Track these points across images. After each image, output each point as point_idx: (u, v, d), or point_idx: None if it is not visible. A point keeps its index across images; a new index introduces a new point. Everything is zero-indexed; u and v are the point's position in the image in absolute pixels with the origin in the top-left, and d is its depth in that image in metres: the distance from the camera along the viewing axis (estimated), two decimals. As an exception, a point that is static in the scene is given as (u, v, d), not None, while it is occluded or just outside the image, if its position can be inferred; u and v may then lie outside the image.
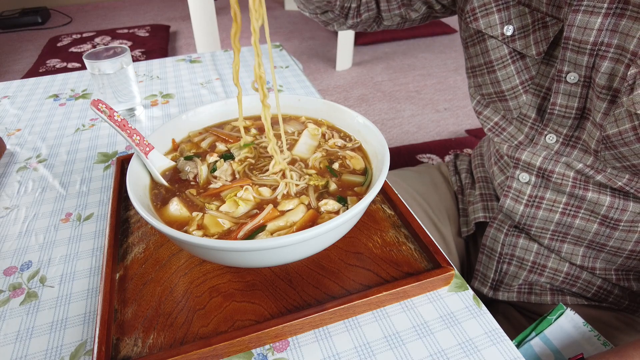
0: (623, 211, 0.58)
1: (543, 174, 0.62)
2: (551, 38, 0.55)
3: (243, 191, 0.48)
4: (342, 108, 0.58)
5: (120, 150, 0.75)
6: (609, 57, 0.50)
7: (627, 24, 0.48)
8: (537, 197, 0.64)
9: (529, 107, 0.62)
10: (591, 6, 0.50)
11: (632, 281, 0.64)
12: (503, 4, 0.60)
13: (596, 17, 0.50)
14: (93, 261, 0.53)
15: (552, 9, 0.55)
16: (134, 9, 3.98)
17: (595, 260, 0.64)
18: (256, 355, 0.42)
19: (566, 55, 0.54)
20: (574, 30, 0.52)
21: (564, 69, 0.55)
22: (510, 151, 0.65)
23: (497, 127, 0.68)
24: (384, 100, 2.40)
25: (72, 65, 2.84)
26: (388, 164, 0.46)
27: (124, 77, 0.82)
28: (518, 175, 0.65)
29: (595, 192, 0.59)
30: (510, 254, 0.69)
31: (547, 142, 0.61)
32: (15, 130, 0.84)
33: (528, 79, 0.60)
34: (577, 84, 0.54)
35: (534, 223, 0.65)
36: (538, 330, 0.58)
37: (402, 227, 0.53)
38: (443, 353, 0.41)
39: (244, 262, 0.43)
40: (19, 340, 0.44)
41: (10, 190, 0.66)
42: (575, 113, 0.57)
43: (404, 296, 0.45)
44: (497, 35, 0.61)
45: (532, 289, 0.70)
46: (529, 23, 0.58)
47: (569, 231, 0.64)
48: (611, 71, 0.51)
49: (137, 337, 0.42)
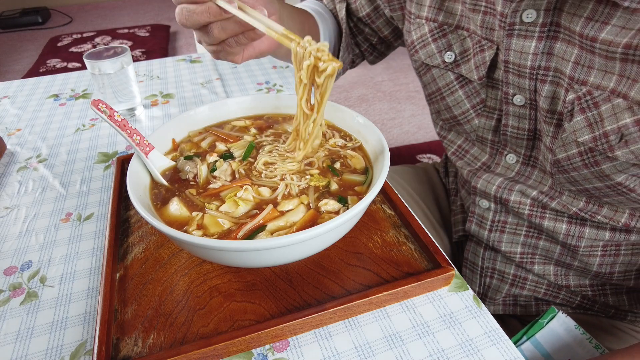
0: (580, 238, 0.58)
1: (500, 201, 0.61)
2: (488, 62, 0.54)
3: (243, 191, 0.48)
4: (342, 108, 0.58)
5: (120, 150, 0.75)
6: (549, 80, 0.49)
7: (561, 47, 0.47)
8: (499, 221, 0.64)
9: (484, 129, 0.61)
10: (524, 30, 0.49)
11: (609, 296, 0.64)
12: (439, 32, 0.59)
13: (530, 41, 0.49)
14: (93, 261, 0.53)
15: (485, 31, 0.54)
16: (134, 9, 3.98)
17: (568, 278, 0.64)
18: (256, 355, 0.42)
19: (509, 79, 0.53)
20: (511, 54, 0.51)
21: (509, 92, 0.54)
22: (468, 177, 0.65)
23: (460, 150, 0.67)
24: (384, 100, 2.40)
25: (73, 65, 2.85)
26: (388, 164, 0.46)
27: (124, 77, 0.82)
28: (478, 202, 0.65)
29: (552, 220, 0.58)
30: (492, 267, 0.68)
31: (507, 162, 0.60)
32: (15, 130, 0.84)
33: (479, 102, 0.59)
34: (524, 106, 0.54)
35: (501, 247, 0.65)
36: (529, 334, 0.58)
37: (403, 227, 0.53)
38: (443, 353, 0.41)
39: (244, 262, 0.43)
40: (19, 340, 0.44)
41: (10, 190, 0.66)
42: (527, 134, 0.56)
43: (404, 296, 0.45)
44: (439, 64, 0.60)
45: (517, 301, 0.69)
46: (470, 47, 0.57)
47: (535, 251, 0.63)
48: (553, 95, 0.50)
49: (137, 337, 0.42)
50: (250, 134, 0.59)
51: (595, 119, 0.45)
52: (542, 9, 0.47)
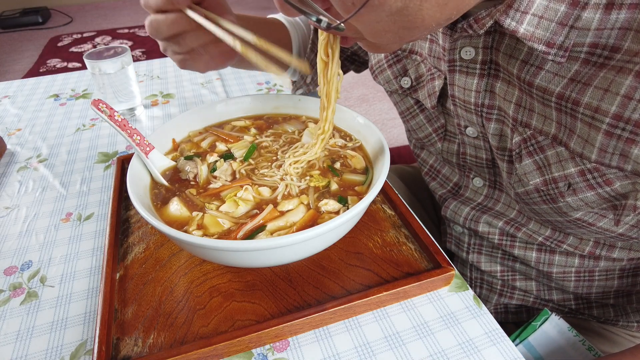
0: (550, 265, 0.57)
1: (470, 229, 0.61)
2: (437, 92, 0.53)
3: (243, 191, 0.48)
4: (342, 108, 0.58)
5: (120, 150, 0.76)
6: (494, 118, 0.48)
7: (502, 87, 0.45)
8: (475, 244, 0.64)
9: (448, 153, 0.60)
10: (465, 66, 0.47)
11: (593, 309, 0.63)
12: (393, 58, 0.58)
13: (472, 78, 0.47)
14: (93, 261, 0.53)
15: (434, 60, 0.53)
16: (134, 9, 3.98)
17: (550, 292, 0.63)
18: (256, 355, 0.42)
19: (458, 112, 0.51)
20: (456, 89, 0.49)
21: (462, 123, 0.53)
22: (440, 202, 0.64)
23: (432, 170, 0.67)
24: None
25: (73, 65, 2.85)
26: (388, 164, 0.46)
27: (125, 76, 0.82)
28: (453, 226, 0.65)
29: (522, 249, 0.58)
30: (480, 278, 0.68)
31: (475, 185, 0.59)
32: (15, 130, 0.84)
33: (440, 127, 0.58)
34: (477, 137, 0.52)
35: (481, 267, 0.65)
36: (522, 337, 0.58)
37: (403, 227, 0.53)
38: (443, 353, 0.41)
39: (244, 262, 0.43)
40: (19, 340, 0.44)
41: (10, 190, 0.66)
42: (486, 163, 0.55)
43: (404, 296, 0.45)
44: (396, 89, 0.60)
45: (508, 309, 0.69)
46: (424, 72, 0.55)
47: (514, 271, 0.63)
48: (500, 132, 0.48)
49: (138, 337, 0.42)
50: (250, 134, 0.59)
51: (543, 162, 0.44)
52: (479, 47, 0.45)
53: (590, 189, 0.41)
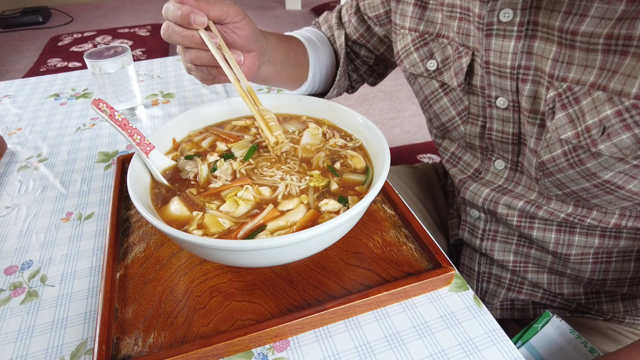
0: (569, 246, 0.57)
1: (488, 212, 0.62)
2: (465, 68, 0.55)
3: (243, 191, 0.48)
4: (342, 108, 0.58)
5: (121, 150, 0.76)
6: (530, 79, 0.49)
7: (540, 45, 0.47)
8: (490, 230, 0.64)
9: (470, 136, 0.61)
10: (502, 30, 0.49)
11: (603, 304, 0.63)
12: (420, 41, 0.60)
13: (509, 41, 0.49)
14: (94, 260, 0.53)
15: (462, 37, 0.55)
16: (134, 9, 3.99)
17: (562, 286, 0.64)
18: (256, 354, 0.42)
19: (491, 80, 0.53)
20: (491, 54, 0.51)
21: (492, 94, 0.54)
22: (459, 186, 0.65)
23: (453, 157, 0.68)
24: (384, 100, 2.40)
25: (73, 64, 2.85)
26: (389, 164, 0.46)
27: (125, 76, 0.82)
28: (469, 211, 0.65)
29: (540, 230, 0.58)
30: (488, 272, 0.68)
31: (496, 168, 0.61)
32: (16, 129, 0.84)
33: (463, 110, 0.59)
34: (507, 108, 0.54)
35: (494, 255, 0.65)
36: (524, 339, 0.58)
37: (403, 227, 0.53)
38: (443, 353, 0.41)
39: (244, 262, 0.43)
40: (19, 339, 0.44)
41: (11, 190, 0.66)
42: (512, 138, 0.56)
43: (404, 296, 0.45)
44: (422, 72, 0.61)
45: (514, 305, 0.69)
46: (450, 54, 0.57)
47: (528, 260, 0.63)
48: (534, 94, 0.50)
49: (138, 337, 0.42)
50: (250, 133, 0.59)
51: (576, 114, 0.45)
52: (518, 8, 0.47)
53: (627, 130, 0.42)
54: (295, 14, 3.78)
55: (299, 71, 0.72)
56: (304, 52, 0.73)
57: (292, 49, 0.70)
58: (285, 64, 0.68)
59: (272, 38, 0.65)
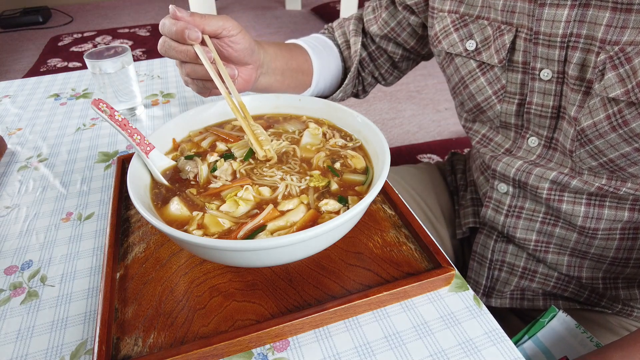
0: (599, 220, 0.58)
1: (519, 184, 0.62)
2: (507, 45, 0.57)
3: (243, 191, 0.48)
4: (342, 108, 0.58)
5: (121, 150, 0.76)
6: (580, 47, 0.51)
7: (593, 13, 0.49)
8: (516, 207, 0.65)
9: (506, 115, 0.63)
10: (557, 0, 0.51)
11: (620, 289, 0.64)
12: (460, 22, 0.62)
13: (563, 10, 0.51)
14: (94, 260, 0.53)
15: (506, 15, 0.56)
16: (135, 9, 3.99)
17: (581, 269, 0.64)
18: (256, 355, 0.42)
19: (538, 51, 0.54)
20: (542, 24, 0.52)
21: (537, 66, 0.55)
22: (490, 161, 0.66)
23: (484, 139, 0.69)
24: (384, 100, 2.40)
25: (73, 64, 2.85)
26: (389, 164, 0.46)
27: (125, 76, 0.82)
28: (497, 186, 0.66)
29: (570, 203, 0.59)
30: (501, 260, 0.69)
31: (529, 145, 0.62)
32: (16, 129, 0.84)
33: (500, 89, 0.61)
34: (550, 80, 0.55)
35: (516, 233, 0.65)
36: (531, 334, 0.58)
37: (403, 227, 0.53)
38: (443, 353, 0.41)
39: (244, 262, 0.43)
40: (19, 340, 0.44)
41: (11, 190, 0.66)
42: (551, 112, 0.57)
43: (404, 296, 0.45)
44: (461, 52, 0.63)
45: (524, 295, 0.70)
46: (490, 35, 0.59)
47: (550, 240, 0.64)
48: (583, 62, 0.51)
49: (138, 337, 0.42)
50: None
51: (627, 73, 0.47)
52: None
53: None
54: (295, 14, 3.78)
55: (302, 79, 0.73)
56: (307, 60, 0.74)
57: (294, 58, 0.71)
58: (286, 72, 0.69)
59: (270, 49, 0.66)
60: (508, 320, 0.72)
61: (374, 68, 0.83)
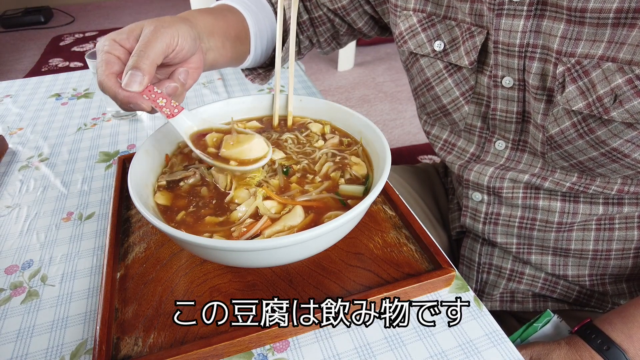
0: (575, 214, 0.59)
1: (493, 191, 0.62)
2: (479, 46, 0.56)
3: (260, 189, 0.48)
4: (343, 108, 0.58)
5: (121, 150, 0.76)
6: (537, 57, 0.51)
7: (548, 24, 0.49)
8: (492, 213, 0.64)
9: (473, 116, 0.62)
10: (512, 9, 0.51)
11: (607, 285, 0.64)
12: (428, 22, 0.61)
13: (519, 20, 0.51)
14: (94, 260, 0.53)
15: (475, 18, 0.56)
16: (136, 9, 3.99)
17: (566, 267, 0.64)
18: (256, 355, 0.42)
19: (498, 60, 0.54)
20: (500, 33, 0.52)
21: (498, 74, 0.55)
22: (460, 171, 0.65)
23: (447, 145, 0.68)
24: (385, 101, 2.40)
25: (75, 64, 2.85)
26: (389, 165, 0.46)
27: (126, 76, 0.82)
28: (471, 195, 0.65)
29: (546, 199, 0.59)
30: (489, 263, 0.69)
31: (497, 148, 0.62)
32: (17, 129, 0.84)
33: (468, 90, 0.60)
34: (513, 87, 0.55)
35: (497, 238, 0.65)
36: (524, 337, 0.58)
37: (403, 228, 0.53)
38: (444, 354, 0.41)
39: (245, 262, 0.43)
40: (19, 339, 0.44)
41: (11, 189, 0.66)
42: (516, 117, 0.57)
43: (404, 297, 0.45)
44: (428, 53, 0.61)
45: (514, 297, 0.69)
46: (458, 36, 0.58)
47: (531, 242, 0.64)
48: (542, 71, 0.52)
49: (138, 337, 0.42)
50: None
51: (587, 86, 0.47)
52: None
53: (638, 96, 0.44)
54: (296, 14, 3.78)
55: (240, 48, 0.66)
56: (244, 26, 0.66)
57: (231, 26, 0.64)
58: (226, 43, 0.61)
59: (206, 21, 0.58)
60: (504, 320, 0.72)
61: (313, 34, 0.77)
